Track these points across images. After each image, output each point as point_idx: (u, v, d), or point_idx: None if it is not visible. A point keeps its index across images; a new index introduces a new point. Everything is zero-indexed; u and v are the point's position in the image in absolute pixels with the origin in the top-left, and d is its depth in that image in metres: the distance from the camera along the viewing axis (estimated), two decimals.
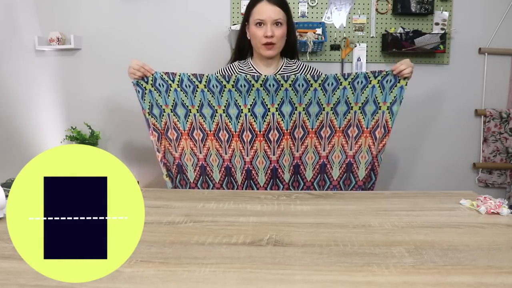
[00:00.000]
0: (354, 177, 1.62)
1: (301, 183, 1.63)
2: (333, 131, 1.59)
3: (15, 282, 0.67)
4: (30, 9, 2.33)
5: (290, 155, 1.58)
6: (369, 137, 1.58)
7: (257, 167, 1.58)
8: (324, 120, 1.57)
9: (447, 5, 2.29)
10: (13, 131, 2.43)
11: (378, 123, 1.57)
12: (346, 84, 1.53)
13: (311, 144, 1.59)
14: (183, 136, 1.59)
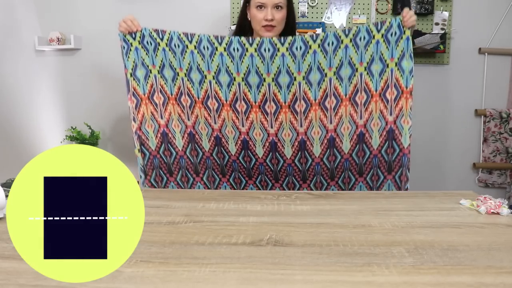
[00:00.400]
0: (368, 147, 1.50)
1: (309, 159, 1.53)
2: (339, 100, 1.46)
3: (15, 282, 0.67)
4: (30, 9, 2.33)
5: (292, 130, 1.49)
6: (380, 101, 1.45)
7: (254, 139, 1.50)
8: (328, 88, 1.45)
9: (447, 5, 2.29)
10: (13, 131, 2.43)
11: (388, 83, 1.44)
12: (348, 41, 1.42)
13: (316, 117, 1.48)
14: (170, 101, 1.50)
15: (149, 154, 1.57)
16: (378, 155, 1.50)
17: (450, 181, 2.45)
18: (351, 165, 1.54)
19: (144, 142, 1.55)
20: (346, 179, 1.56)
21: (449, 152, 2.45)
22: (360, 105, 1.47)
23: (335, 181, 1.57)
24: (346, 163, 1.53)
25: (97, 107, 2.41)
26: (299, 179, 1.57)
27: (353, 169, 1.54)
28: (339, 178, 1.56)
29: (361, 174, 1.54)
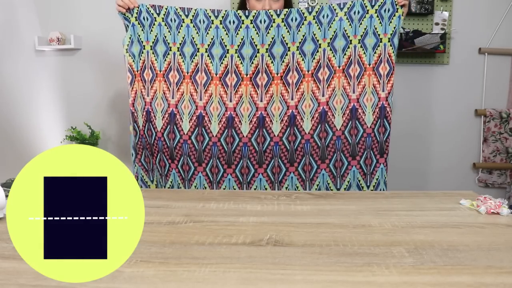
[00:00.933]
0: (361, 125, 1.48)
1: (298, 136, 1.50)
2: (332, 71, 1.46)
3: (15, 282, 0.67)
4: (30, 9, 2.33)
5: (282, 102, 1.47)
6: (373, 75, 1.45)
7: (241, 114, 1.47)
8: (321, 59, 1.45)
9: (447, 5, 2.29)
10: (13, 131, 2.43)
11: (381, 57, 1.45)
12: (342, 14, 1.44)
13: (308, 89, 1.46)
14: (158, 78, 1.50)
15: (139, 132, 1.55)
16: (371, 134, 1.48)
17: (450, 181, 2.45)
18: (343, 145, 1.49)
19: (136, 120, 1.54)
20: (338, 162, 1.50)
21: (449, 152, 2.45)
22: (353, 77, 1.46)
23: (326, 164, 1.51)
24: (338, 142, 1.49)
25: (97, 107, 2.41)
26: (286, 161, 1.51)
27: (345, 150, 1.49)
28: (330, 161, 1.51)
29: (354, 156, 1.50)
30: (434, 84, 2.39)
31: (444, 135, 2.43)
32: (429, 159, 2.45)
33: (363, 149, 1.49)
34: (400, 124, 2.42)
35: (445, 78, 2.38)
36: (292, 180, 1.52)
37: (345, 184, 1.52)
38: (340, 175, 1.52)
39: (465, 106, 2.41)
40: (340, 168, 1.52)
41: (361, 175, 1.51)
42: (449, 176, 2.46)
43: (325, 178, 1.52)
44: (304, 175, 1.52)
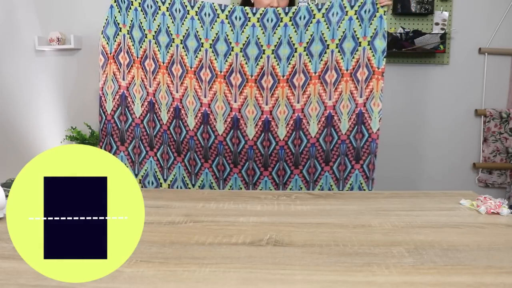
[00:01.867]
0: (336, 132, 1.45)
1: (273, 142, 1.47)
2: (308, 77, 1.42)
3: (15, 282, 0.67)
4: (30, 9, 2.33)
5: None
6: (350, 81, 1.41)
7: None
8: (297, 64, 1.41)
9: (447, 5, 2.29)
10: (13, 131, 2.43)
11: (360, 62, 1.40)
12: (320, 16, 1.39)
13: (283, 95, 1.43)
14: (136, 65, 1.46)
15: (105, 118, 1.50)
16: (346, 141, 1.45)
17: (450, 181, 2.45)
18: (317, 151, 1.48)
19: (102, 104, 1.49)
20: (312, 168, 1.50)
21: (449, 152, 2.45)
22: (329, 84, 1.42)
23: (299, 170, 1.50)
24: (312, 149, 1.47)
25: (97, 107, 2.41)
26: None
27: (319, 156, 1.48)
28: (303, 167, 1.50)
29: (328, 162, 1.48)
30: (434, 84, 2.39)
31: (444, 135, 2.43)
32: (429, 159, 2.45)
33: (336, 155, 1.48)
34: (400, 124, 2.42)
35: (445, 78, 2.38)
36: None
37: (317, 188, 1.52)
38: (313, 179, 1.52)
39: (465, 106, 2.41)
40: (314, 174, 1.52)
41: (333, 180, 1.51)
42: (449, 176, 2.46)
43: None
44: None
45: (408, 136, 2.43)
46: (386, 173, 2.45)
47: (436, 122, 2.42)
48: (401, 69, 2.37)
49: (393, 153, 2.44)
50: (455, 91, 2.39)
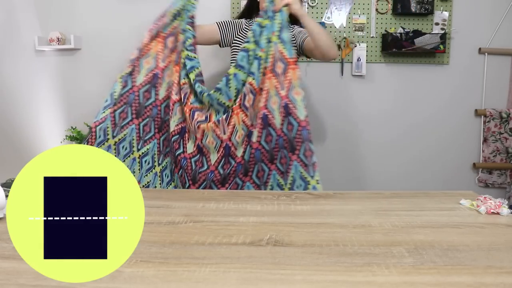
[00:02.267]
0: (273, 129, 1.50)
1: (205, 165, 1.58)
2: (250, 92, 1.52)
3: (15, 282, 0.67)
4: (30, 9, 2.33)
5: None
6: (273, 77, 1.47)
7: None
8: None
9: (447, 5, 2.29)
10: (13, 131, 2.43)
11: (275, 57, 1.47)
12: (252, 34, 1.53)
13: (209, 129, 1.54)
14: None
15: (131, 87, 1.56)
16: (281, 135, 1.49)
17: (450, 181, 2.45)
18: (262, 154, 1.53)
19: (133, 74, 1.55)
20: (260, 172, 1.55)
21: (449, 152, 2.45)
22: (249, 108, 1.51)
23: (249, 177, 1.57)
24: (257, 153, 1.52)
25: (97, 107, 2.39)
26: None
27: (264, 158, 1.53)
28: (252, 173, 1.56)
29: (272, 161, 1.53)
30: (434, 84, 2.39)
31: (444, 135, 2.43)
32: (430, 159, 2.45)
33: (277, 151, 1.52)
34: (400, 124, 2.42)
35: (445, 78, 2.38)
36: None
37: (268, 189, 1.56)
38: (263, 182, 1.56)
39: (465, 106, 2.41)
40: (263, 177, 1.56)
41: (279, 175, 1.54)
42: (449, 176, 2.46)
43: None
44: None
45: (408, 136, 2.43)
46: (386, 173, 2.45)
47: (436, 122, 2.42)
48: (401, 69, 2.37)
49: (393, 153, 2.44)
50: (455, 91, 2.39)
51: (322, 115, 2.41)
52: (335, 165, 2.46)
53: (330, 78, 2.39)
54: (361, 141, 2.44)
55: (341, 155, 2.46)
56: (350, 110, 2.42)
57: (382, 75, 2.38)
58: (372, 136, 2.43)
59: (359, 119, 2.43)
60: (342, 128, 2.43)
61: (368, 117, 2.43)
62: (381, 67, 2.37)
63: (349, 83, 2.38)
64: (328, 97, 2.39)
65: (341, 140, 2.46)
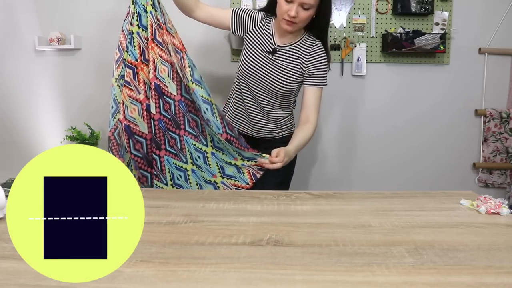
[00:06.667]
0: (169, 97, 1.57)
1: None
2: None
3: (15, 282, 0.67)
4: (30, 9, 2.33)
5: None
6: (156, 47, 1.54)
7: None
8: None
9: (447, 5, 2.29)
10: (13, 131, 2.43)
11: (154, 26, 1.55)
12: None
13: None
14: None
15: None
16: (181, 99, 1.60)
17: (450, 181, 2.45)
18: (165, 123, 1.59)
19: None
20: (171, 140, 1.61)
21: (449, 152, 2.45)
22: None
23: (163, 150, 1.60)
24: (160, 123, 1.59)
25: (97, 107, 2.41)
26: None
27: (170, 126, 1.62)
28: (165, 144, 1.60)
29: (179, 127, 1.61)
30: (434, 84, 2.39)
31: (444, 135, 2.43)
32: (429, 159, 2.45)
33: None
34: (400, 124, 2.42)
35: (445, 78, 2.38)
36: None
37: (187, 153, 1.62)
38: (179, 149, 1.61)
39: (465, 106, 2.41)
40: (176, 145, 1.62)
41: (193, 139, 1.61)
42: (449, 176, 2.46)
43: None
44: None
45: (408, 136, 2.43)
46: (386, 172, 2.45)
47: (436, 122, 2.42)
48: (401, 69, 2.37)
49: (393, 153, 2.44)
50: (455, 91, 2.39)
51: (322, 115, 2.41)
52: (335, 165, 2.46)
53: (330, 78, 2.37)
54: (361, 141, 2.44)
55: (341, 155, 2.46)
56: (350, 110, 2.42)
57: (382, 75, 2.38)
58: (372, 136, 2.43)
59: (359, 119, 2.43)
60: (342, 128, 2.43)
61: (368, 117, 2.43)
62: (381, 67, 2.37)
63: (349, 83, 2.38)
64: (328, 97, 2.39)
65: (341, 140, 2.45)
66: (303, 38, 1.59)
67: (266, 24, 1.60)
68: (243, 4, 2.26)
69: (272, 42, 1.58)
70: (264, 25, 1.60)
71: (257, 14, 1.61)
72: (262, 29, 1.60)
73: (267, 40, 1.58)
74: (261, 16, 1.61)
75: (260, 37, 1.59)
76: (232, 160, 1.61)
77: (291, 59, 1.57)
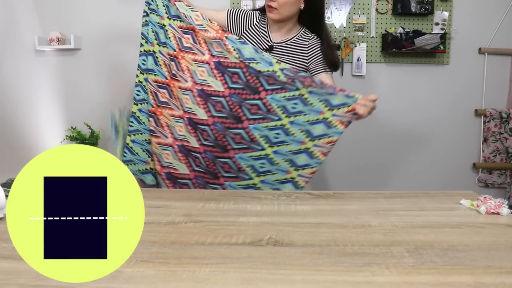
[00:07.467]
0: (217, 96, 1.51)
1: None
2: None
3: (15, 282, 0.67)
4: (30, 9, 2.33)
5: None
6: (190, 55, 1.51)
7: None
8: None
9: (447, 5, 2.29)
10: (13, 131, 2.43)
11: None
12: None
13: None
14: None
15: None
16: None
17: (450, 181, 2.45)
18: (223, 123, 1.54)
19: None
20: (237, 136, 1.55)
21: (449, 152, 2.45)
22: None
23: (231, 151, 1.55)
24: (217, 126, 1.53)
25: (97, 107, 2.41)
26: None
27: (229, 123, 1.55)
28: (230, 144, 1.55)
29: (240, 120, 1.54)
30: (434, 84, 2.39)
31: (444, 135, 2.43)
32: (429, 159, 2.45)
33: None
34: (399, 124, 2.42)
35: (445, 78, 2.38)
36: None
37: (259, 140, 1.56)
38: (250, 140, 1.56)
39: (465, 106, 2.41)
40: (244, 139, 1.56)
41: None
42: (449, 176, 2.46)
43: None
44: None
45: (408, 136, 2.43)
46: (386, 173, 2.45)
47: (436, 122, 2.42)
48: (401, 69, 2.37)
49: (393, 153, 2.44)
50: (455, 91, 2.39)
51: None
52: (335, 165, 2.46)
53: None
54: (361, 140, 2.44)
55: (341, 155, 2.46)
56: None
57: (382, 75, 2.38)
58: (372, 135, 2.43)
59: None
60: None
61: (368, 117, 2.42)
62: (381, 67, 2.37)
63: (349, 83, 2.38)
64: None
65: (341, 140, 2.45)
66: (299, 33, 1.61)
67: (261, 23, 1.63)
68: (243, 4, 2.26)
69: (268, 39, 1.60)
70: (259, 24, 1.63)
71: (252, 13, 1.64)
72: (258, 27, 1.62)
73: (263, 38, 1.60)
74: (256, 15, 1.64)
75: (256, 35, 1.61)
76: (300, 145, 1.52)
77: (289, 55, 1.58)
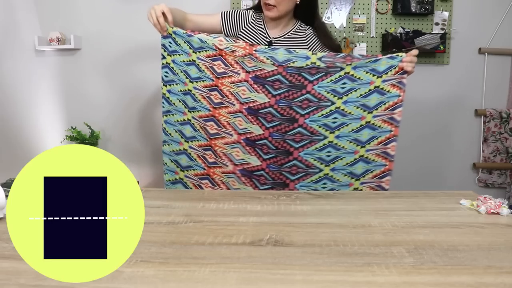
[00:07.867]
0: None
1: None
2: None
3: (15, 282, 0.67)
4: (30, 9, 2.33)
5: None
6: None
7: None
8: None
9: (447, 5, 2.29)
10: (13, 131, 2.43)
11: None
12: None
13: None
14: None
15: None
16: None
17: (450, 181, 2.45)
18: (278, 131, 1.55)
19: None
20: (297, 135, 1.54)
21: (449, 152, 2.45)
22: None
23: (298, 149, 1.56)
24: (273, 135, 1.53)
25: (97, 107, 2.41)
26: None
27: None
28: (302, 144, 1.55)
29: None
30: (434, 84, 2.39)
31: (444, 135, 2.43)
32: (429, 159, 2.45)
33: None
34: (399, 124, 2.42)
35: (445, 78, 2.38)
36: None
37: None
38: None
39: (465, 106, 2.41)
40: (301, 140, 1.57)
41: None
42: (449, 176, 2.46)
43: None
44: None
45: (408, 136, 2.43)
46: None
47: (436, 122, 2.42)
48: None
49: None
50: (455, 91, 2.39)
51: None
52: None
53: None
54: None
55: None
56: None
57: None
58: None
59: None
60: None
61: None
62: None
63: None
64: None
65: None
66: (295, 27, 1.62)
67: (257, 20, 1.64)
68: (243, 4, 2.26)
69: (266, 35, 1.61)
70: (255, 21, 1.64)
71: (247, 12, 1.66)
72: (254, 25, 1.63)
73: (260, 34, 1.61)
74: (251, 14, 1.65)
75: (254, 33, 1.62)
76: (360, 122, 1.56)
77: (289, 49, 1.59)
